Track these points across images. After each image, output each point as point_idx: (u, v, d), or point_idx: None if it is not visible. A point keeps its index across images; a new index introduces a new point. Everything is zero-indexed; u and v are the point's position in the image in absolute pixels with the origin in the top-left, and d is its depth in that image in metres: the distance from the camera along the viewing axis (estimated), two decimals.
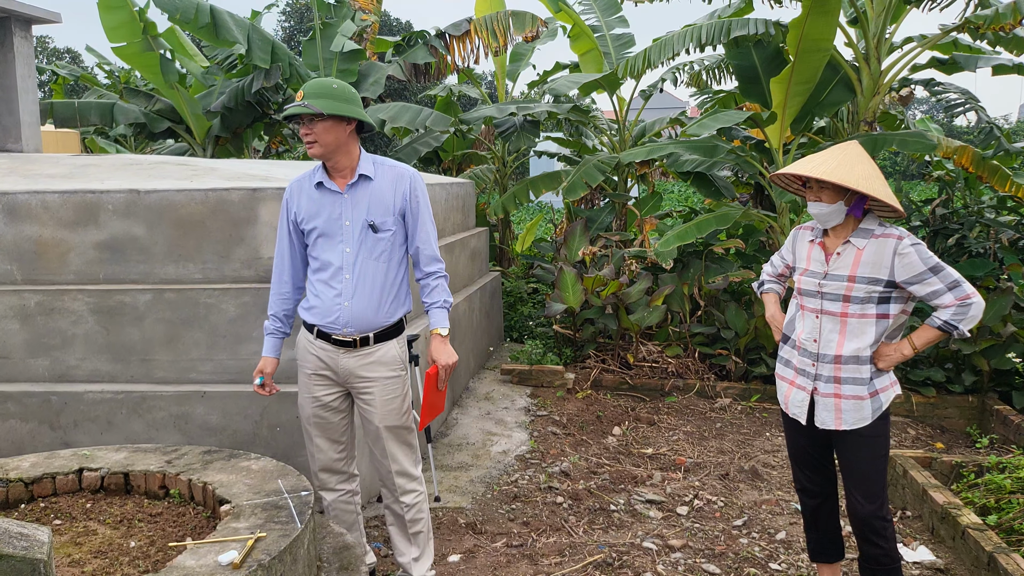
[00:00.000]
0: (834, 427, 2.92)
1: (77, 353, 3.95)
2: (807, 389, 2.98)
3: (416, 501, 3.24)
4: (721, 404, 6.14)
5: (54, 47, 34.79)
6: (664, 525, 4.15)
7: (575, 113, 8.31)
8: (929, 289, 2.77)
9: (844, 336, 2.88)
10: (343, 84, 2.93)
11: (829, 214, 2.88)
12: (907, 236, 2.82)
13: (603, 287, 6.52)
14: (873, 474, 2.91)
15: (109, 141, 13.08)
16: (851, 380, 2.88)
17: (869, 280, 2.82)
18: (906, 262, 2.77)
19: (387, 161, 3.09)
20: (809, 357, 2.97)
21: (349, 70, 8.64)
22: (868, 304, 2.84)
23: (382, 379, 3.08)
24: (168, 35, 9.35)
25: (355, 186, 3.00)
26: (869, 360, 2.87)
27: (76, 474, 3.17)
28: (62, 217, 3.98)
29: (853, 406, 2.88)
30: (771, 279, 3.36)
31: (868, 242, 2.85)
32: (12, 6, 6.06)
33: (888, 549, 2.92)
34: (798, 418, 3.03)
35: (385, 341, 3.09)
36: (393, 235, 3.03)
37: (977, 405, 5.81)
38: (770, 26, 6.27)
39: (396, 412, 3.12)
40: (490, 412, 5.79)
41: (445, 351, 3.09)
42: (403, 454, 3.17)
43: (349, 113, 2.88)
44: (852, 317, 2.86)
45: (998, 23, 5.82)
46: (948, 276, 2.75)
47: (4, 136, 6.42)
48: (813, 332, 2.96)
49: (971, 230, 7.28)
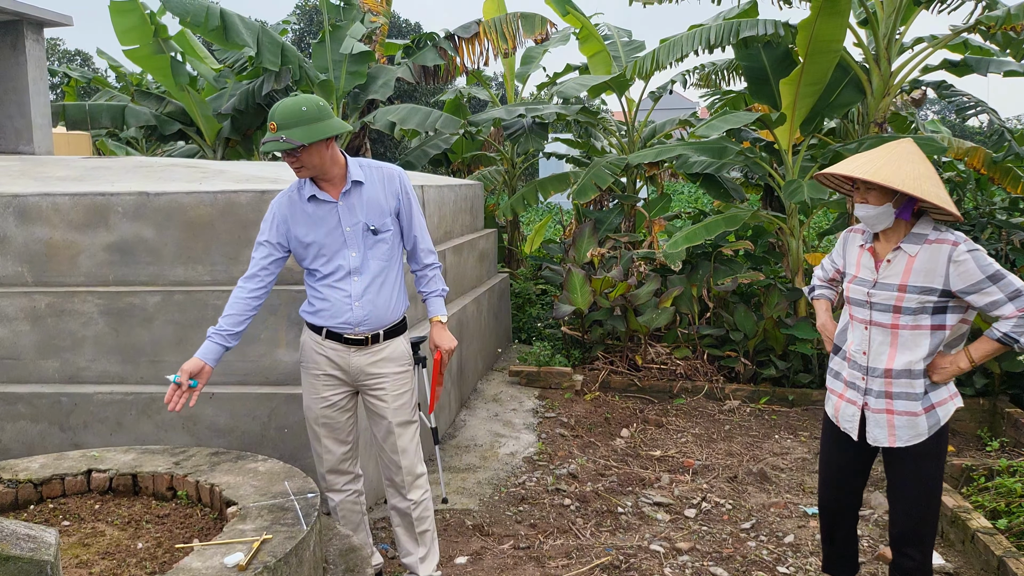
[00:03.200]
0: (888, 444, 2.76)
1: (87, 354, 3.97)
2: (857, 404, 2.82)
3: (423, 499, 3.25)
4: (730, 406, 6.12)
5: (65, 49, 35.03)
6: (672, 528, 4.14)
7: (584, 115, 8.31)
8: (988, 299, 2.56)
9: (895, 349, 2.70)
10: (311, 101, 2.87)
11: (877, 217, 2.69)
12: (963, 241, 2.60)
13: (612, 289, 6.52)
14: (925, 494, 2.75)
15: (120, 143, 13.16)
16: (903, 395, 2.70)
17: (922, 290, 2.63)
18: (962, 270, 2.57)
19: (371, 163, 3.13)
20: (859, 370, 2.81)
21: (358, 72, 8.67)
22: (922, 315, 2.65)
23: (392, 374, 3.13)
24: (179, 38, 9.41)
25: (348, 193, 3.01)
26: (923, 374, 2.68)
27: (85, 475, 3.19)
28: (72, 219, 4.00)
29: (907, 422, 2.71)
30: (822, 284, 3.19)
31: (921, 248, 2.65)
32: (24, 9, 6.11)
33: (921, 562, 2.79)
34: (850, 433, 2.86)
35: (394, 337, 3.16)
36: (392, 235, 3.10)
37: (988, 408, 5.76)
38: (779, 27, 6.25)
39: (407, 407, 3.18)
40: (498, 414, 5.79)
41: (446, 336, 3.24)
42: (412, 449, 3.21)
43: (326, 134, 2.85)
44: (904, 329, 2.68)
45: (1009, 23, 5.79)
46: (1009, 285, 2.53)
47: (16, 138, 6.48)
48: (862, 344, 2.79)
49: (983, 232, 7.23)
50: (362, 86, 8.97)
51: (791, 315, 6.59)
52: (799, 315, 6.64)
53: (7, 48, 6.36)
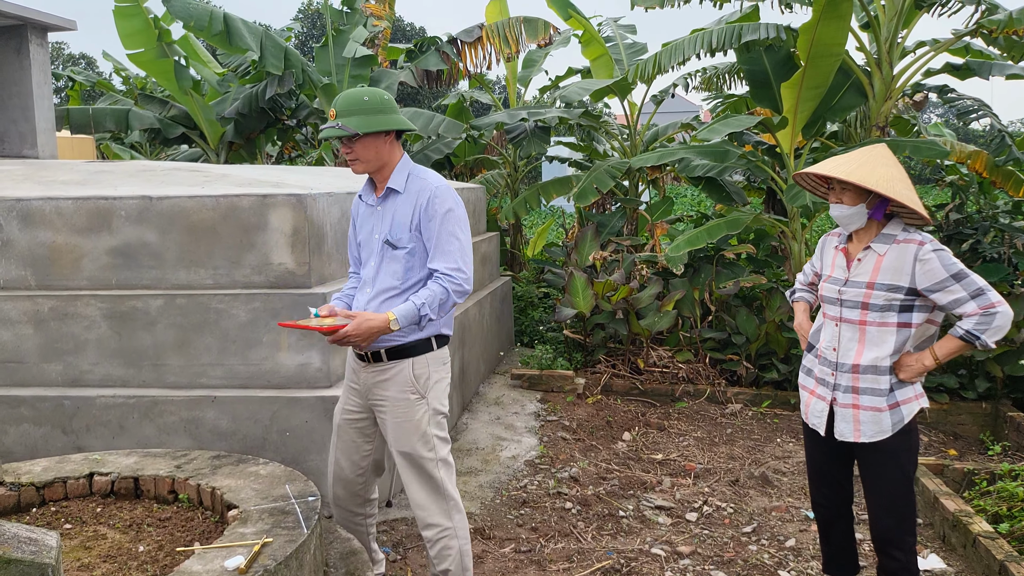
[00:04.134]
0: (852, 439, 2.85)
1: (90, 358, 3.99)
2: (826, 399, 2.92)
3: (437, 538, 2.94)
4: (732, 409, 6.11)
5: (69, 53, 35.17)
6: (673, 531, 4.14)
7: (586, 118, 8.32)
8: (951, 297, 2.66)
9: (863, 345, 2.81)
10: (375, 93, 2.80)
11: (850, 216, 2.81)
12: (929, 241, 2.72)
13: (614, 292, 6.52)
14: (894, 491, 2.83)
15: (124, 147, 13.20)
16: (869, 391, 2.80)
17: (888, 287, 2.74)
18: (927, 268, 2.67)
19: (422, 173, 2.91)
20: (828, 366, 2.91)
21: (361, 76, 8.69)
22: (888, 312, 2.76)
23: (392, 399, 2.90)
24: (182, 42, 9.45)
25: (385, 199, 2.91)
26: (888, 371, 2.78)
27: (87, 478, 3.20)
28: (76, 223, 4.02)
29: (871, 417, 2.80)
30: (802, 288, 3.31)
31: (889, 248, 2.76)
32: (28, 14, 6.14)
33: (906, 562, 2.86)
34: (817, 428, 2.97)
35: (399, 359, 2.88)
36: (410, 253, 2.86)
37: (990, 412, 5.76)
38: (781, 31, 6.26)
39: (408, 438, 2.89)
40: (500, 417, 5.80)
41: (365, 327, 2.73)
42: (417, 485, 2.93)
43: (384, 126, 2.77)
44: (871, 325, 2.79)
45: (1011, 27, 5.79)
46: (972, 284, 2.64)
47: (20, 142, 6.50)
48: (832, 341, 2.90)
49: (985, 235, 7.23)
50: None
51: (793, 319, 6.58)
52: None
53: (11, 52, 6.39)
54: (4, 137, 6.51)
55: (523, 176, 10.42)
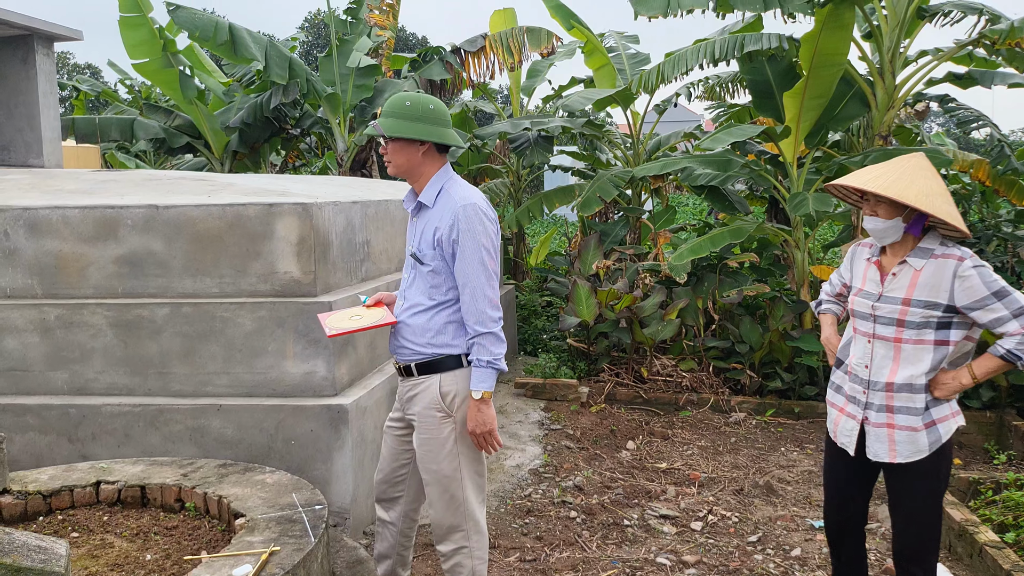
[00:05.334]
0: (888, 460, 2.73)
1: (96, 366, 4.00)
2: (857, 418, 2.80)
3: (452, 555, 2.89)
4: (736, 418, 6.11)
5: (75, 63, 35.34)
6: (678, 540, 4.14)
7: (589, 127, 8.34)
8: (992, 316, 2.54)
9: (898, 363, 2.69)
10: (420, 100, 2.74)
11: (885, 230, 2.69)
12: (969, 257, 2.59)
13: (617, 301, 6.53)
14: (923, 510, 2.73)
15: (129, 156, 13.25)
16: (904, 410, 2.68)
17: (926, 304, 2.62)
18: (967, 286, 2.56)
19: (452, 188, 2.82)
20: (860, 384, 2.79)
21: (365, 86, 8.73)
22: (925, 330, 2.64)
23: (420, 415, 2.83)
24: (187, 52, 9.50)
25: (418, 211, 2.88)
26: (924, 388, 2.66)
27: (94, 487, 3.21)
28: (82, 232, 4.04)
29: (907, 437, 2.68)
30: (829, 299, 3.18)
31: (927, 263, 2.64)
32: (35, 24, 6.18)
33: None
34: (846, 447, 2.85)
35: (429, 374, 2.81)
36: (434, 271, 2.79)
37: (995, 421, 5.75)
38: (783, 41, 6.28)
39: (433, 455, 2.82)
40: (504, 426, 5.80)
41: (473, 417, 2.74)
42: (439, 501, 2.86)
43: (412, 134, 2.71)
44: (907, 343, 2.67)
45: (1013, 38, 5.81)
46: (1014, 302, 2.52)
47: (26, 151, 6.53)
48: (864, 358, 2.78)
49: (988, 244, 7.23)
50: (369, 99, 9.03)
51: (796, 327, 6.59)
52: (804, 327, 6.64)
53: (18, 62, 6.42)
54: (10, 146, 6.54)
55: (526, 185, 10.44)
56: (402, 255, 5.24)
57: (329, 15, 8.78)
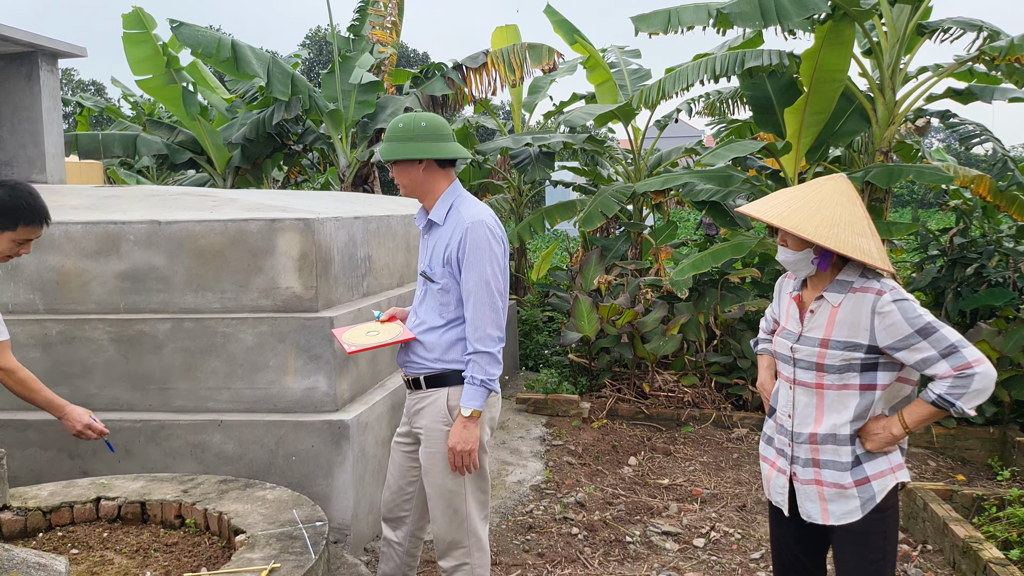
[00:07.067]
0: (821, 521, 2.40)
1: (97, 381, 4.00)
2: (786, 473, 2.48)
3: (452, 569, 2.89)
4: (738, 434, 6.09)
5: (79, 79, 35.53)
6: (680, 557, 4.12)
7: (590, 143, 8.38)
8: (918, 356, 2.22)
9: (822, 411, 2.38)
10: (412, 120, 2.75)
11: (796, 263, 2.39)
12: (890, 290, 2.27)
13: (618, 316, 6.52)
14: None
15: (131, 172, 13.30)
16: (831, 464, 2.36)
17: (845, 345, 2.30)
18: (888, 323, 2.24)
19: (462, 205, 2.82)
20: (786, 436, 2.48)
21: (367, 102, 8.78)
22: (848, 373, 2.32)
23: (426, 428, 2.83)
24: (191, 68, 9.56)
25: (429, 229, 2.88)
26: (849, 440, 2.34)
27: (94, 503, 3.20)
28: (84, 247, 4.04)
29: (836, 495, 2.36)
30: (765, 336, 2.84)
31: (845, 297, 2.32)
32: (39, 40, 6.22)
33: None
34: (781, 506, 2.53)
35: (436, 388, 2.83)
36: (444, 289, 2.80)
37: (999, 437, 5.73)
38: (784, 57, 6.31)
39: (437, 470, 2.82)
40: (505, 441, 5.78)
41: (457, 434, 2.72)
42: (442, 516, 2.85)
43: (404, 155, 2.73)
44: (829, 389, 2.35)
45: (1013, 55, 5.83)
46: (941, 340, 2.19)
47: (29, 167, 6.55)
48: (787, 406, 2.47)
49: (990, 259, 7.22)
50: (371, 116, 9.07)
51: None
52: None
53: (22, 79, 6.46)
54: (13, 162, 6.56)
55: (527, 200, 10.47)
56: (404, 270, 5.24)
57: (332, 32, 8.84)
